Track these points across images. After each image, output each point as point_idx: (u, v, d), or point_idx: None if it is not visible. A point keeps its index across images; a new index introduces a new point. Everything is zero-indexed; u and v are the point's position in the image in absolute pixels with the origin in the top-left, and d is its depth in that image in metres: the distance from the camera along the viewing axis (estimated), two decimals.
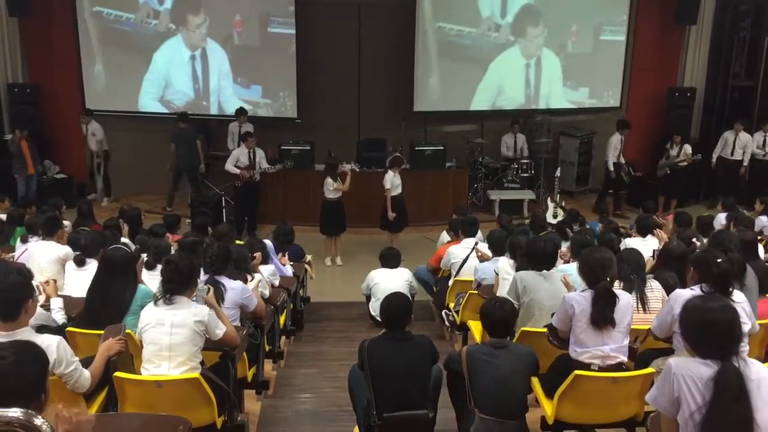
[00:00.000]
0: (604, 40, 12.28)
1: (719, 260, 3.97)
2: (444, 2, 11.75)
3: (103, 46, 11.66)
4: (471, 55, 11.94)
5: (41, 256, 6.04)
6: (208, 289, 4.33)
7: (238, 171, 10.09)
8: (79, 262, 5.55)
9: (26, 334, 3.32)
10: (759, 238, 7.37)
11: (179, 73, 11.81)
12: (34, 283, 4.19)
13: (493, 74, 12.10)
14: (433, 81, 11.94)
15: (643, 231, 7.07)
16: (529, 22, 12.02)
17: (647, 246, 6.42)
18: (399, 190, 9.61)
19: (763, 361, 3.48)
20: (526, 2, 11.94)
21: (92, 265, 5.28)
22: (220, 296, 4.59)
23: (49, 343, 3.42)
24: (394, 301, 4.15)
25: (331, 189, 9.31)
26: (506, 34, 12.00)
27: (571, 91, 12.51)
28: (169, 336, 3.87)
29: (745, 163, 11.44)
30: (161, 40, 11.66)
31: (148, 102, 11.97)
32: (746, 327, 3.92)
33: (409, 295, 6.76)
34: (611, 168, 11.45)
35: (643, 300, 4.60)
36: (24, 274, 3.44)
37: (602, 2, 12.31)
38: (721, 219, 7.83)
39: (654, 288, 4.69)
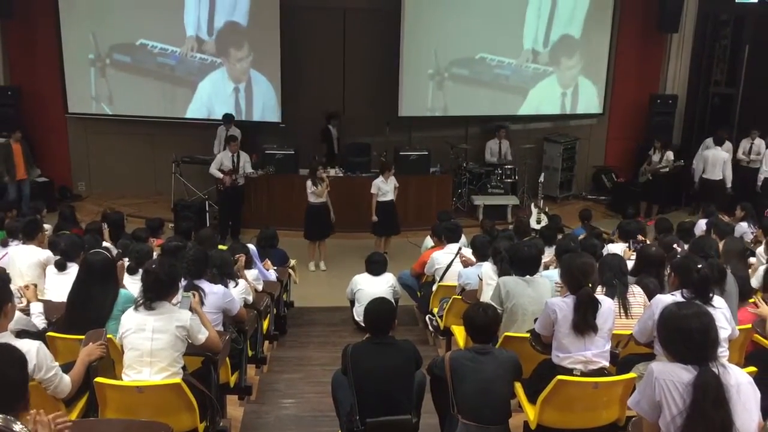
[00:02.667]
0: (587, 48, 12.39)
1: (699, 266, 4.01)
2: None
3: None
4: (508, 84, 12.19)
5: (21, 260, 5.98)
6: (193, 295, 4.32)
7: (221, 175, 10.06)
8: (60, 267, 5.50)
9: (5, 338, 3.29)
10: None
11: (222, 106, 11.68)
12: (14, 287, 4.15)
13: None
14: (422, 87, 12.00)
15: (626, 236, 7.13)
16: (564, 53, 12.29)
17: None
18: (388, 197, 9.62)
19: (743, 367, 3.52)
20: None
21: (73, 269, 5.23)
22: (200, 301, 4.56)
23: (29, 348, 3.39)
24: (377, 306, 4.15)
25: (310, 192, 9.32)
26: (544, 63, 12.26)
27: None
28: (151, 341, 3.84)
29: (729, 185, 11.34)
30: (206, 72, 11.71)
31: None
32: (726, 332, 3.97)
33: (392, 300, 6.77)
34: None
35: (625, 306, 4.63)
36: (2, 278, 3.41)
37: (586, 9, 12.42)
38: (701, 225, 7.90)
39: (636, 293, 4.73)
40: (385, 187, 9.58)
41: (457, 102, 12.13)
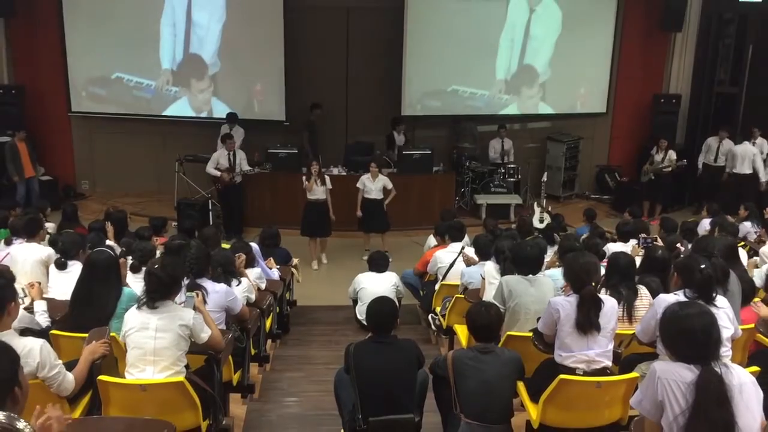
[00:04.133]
0: (591, 48, 12.37)
1: (703, 266, 4.00)
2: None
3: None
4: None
5: (25, 258, 6.00)
6: (196, 295, 4.32)
7: (218, 173, 10.08)
8: (60, 266, 5.50)
9: (8, 336, 3.29)
10: (742, 243, 7.47)
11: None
12: (18, 285, 4.16)
13: None
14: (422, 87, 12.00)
15: (625, 236, 7.13)
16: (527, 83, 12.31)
17: (628, 251, 6.47)
18: (371, 195, 9.59)
19: (746, 366, 3.52)
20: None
21: (75, 267, 5.24)
22: (203, 300, 4.57)
23: (32, 346, 3.40)
24: (379, 305, 4.15)
25: (304, 187, 9.34)
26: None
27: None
28: (154, 340, 3.85)
29: (763, 179, 11.36)
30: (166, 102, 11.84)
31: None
32: (728, 332, 3.96)
33: (395, 299, 6.78)
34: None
35: (630, 313, 4.61)
36: (5, 276, 3.41)
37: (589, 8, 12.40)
38: (705, 224, 7.90)
39: (643, 295, 4.71)
40: (369, 185, 9.58)
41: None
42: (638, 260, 5.29)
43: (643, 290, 4.75)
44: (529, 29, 12.08)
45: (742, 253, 6.66)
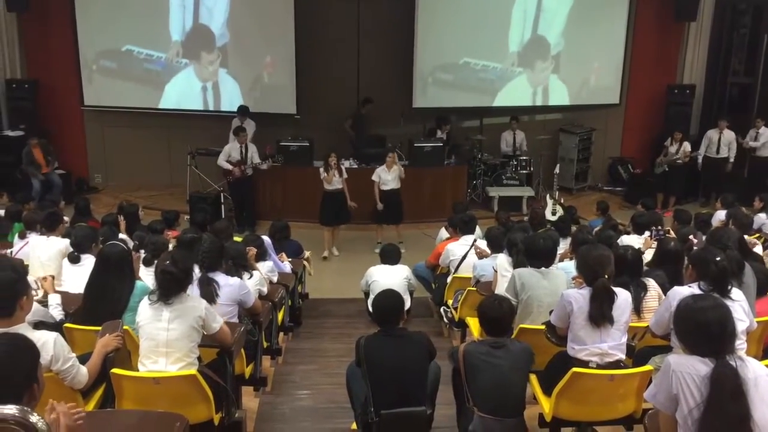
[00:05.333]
0: (604, 38, 12.26)
1: (718, 258, 3.97)
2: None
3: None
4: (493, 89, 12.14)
5: (43, 250, 6.04)
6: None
7: (229, 166, 10.12)
8: (74, 259, 5.53)
9: (22, 330, 3.31)
10: (758, 235, 7.40)
11: (190, 105, 11.90)
12: (32, 279, 4.19)
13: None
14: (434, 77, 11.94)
15: (640, 228, 7.07)
16: (541, 56, 12.17)
17: (641, 243, 6.44)
18: (389, 186, 9.62)
19: (761, 359, 3.48)
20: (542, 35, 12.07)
21: (89, 261, 5.26)
22: (213, 293, 4.58)
23: (46, 339, 3.42)
24: (383, 299, 4.15)
25: (322, 179, 9.39)
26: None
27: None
28: (166, 332, 3.86)
29: (731, 160, 11.43)
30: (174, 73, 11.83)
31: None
32: (743, 325, 3.92)
33: (407, 292, 6.78)
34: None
35: (638, 309, 4.57)
36: (18, 270, 3.43)
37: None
38: (719, 216, 7.82)
39: (650, 287, 4.68)
40: (385, 176, 9.58)
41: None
42: (650, 252, 5.24)
43: (651, 283, 4.72)
44: (542, 1, 11.98)
45: (758, 246, 6.61)
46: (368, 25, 11.67)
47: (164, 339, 3.86)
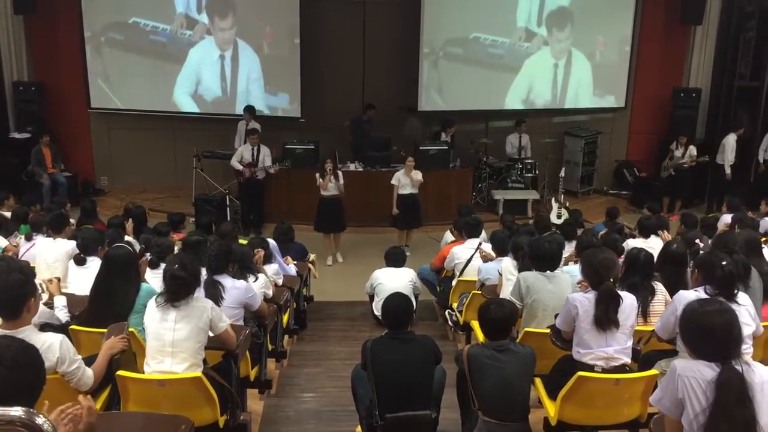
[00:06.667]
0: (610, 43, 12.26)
1: (724, 263, 3.95)
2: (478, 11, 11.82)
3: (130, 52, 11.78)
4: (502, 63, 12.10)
5: (49, 252, 6.05)
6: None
7: (241, 167, 10.16)
8: (79, 261, 5.55)
9: (29, 332, 3.32)
10: (764, 239, 7.37)
11: (209, 72, 11.87)
12: (38, 281, 4.19)
13: (523, 75, 12.25)
14: (440, 81, 11.94)
15: (646, 232, 7.06)
16: (557, 25, 12.14)
17: (649, 248, 6.39)
18: (407, 190, 9.61)
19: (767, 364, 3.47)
20: (552, 8, 12.08)
21: (94, 263, 5.28)
22: (218, 296, 4.58)
23: (52, 341, 3.42)
24: (394, 301, 4.14)
25: (317, 185, 9.38)
26: (538, 41, 12.15)
27: (598, 98, 12.56)
28: (173, 332, 3.86)
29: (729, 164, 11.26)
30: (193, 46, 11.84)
31: (182, 97, 11.96)
32: (750, 329, 3.91)
33: (412, 295, 6.77)
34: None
35: (645, 311, 4.56)
36: (25, 272, 3.43)
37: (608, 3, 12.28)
38: (725, 220, 7.80)
39: (658, 291, 4.67)
40: (404, 180, 9.58)
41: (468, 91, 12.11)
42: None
43: (659, 287, 4.71)
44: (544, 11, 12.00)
45: (764, 250, 6.58)
46: (374, 29, 11.68)
47: (170, 339, 3.86)
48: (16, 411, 2.21)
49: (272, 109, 11.88)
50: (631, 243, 6.67)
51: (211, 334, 4.03)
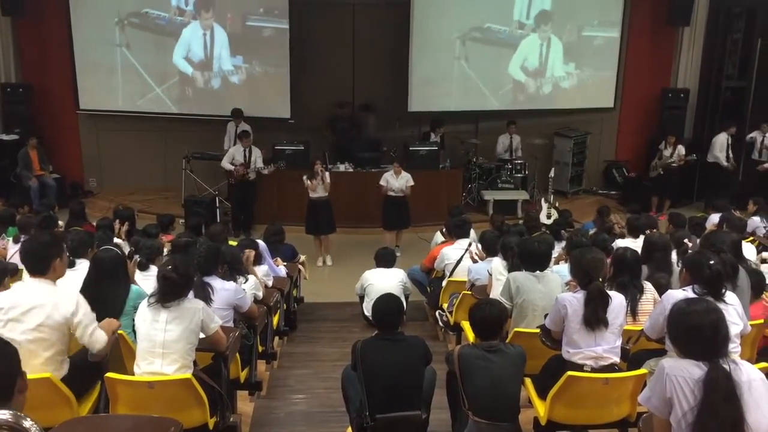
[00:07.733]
0: (598, 42, 12.30)
1: (712, 262, 3.98)
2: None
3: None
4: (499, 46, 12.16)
5: None
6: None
7: (232, 168, 10.13)
8: (68, 264, 5.50)
9: (51, 287, 3.72)
10: (752, 239, 7.43)
11: (196, 43, 11.94)
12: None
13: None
14: (430, 81, 11.96)
15: (635, 232, 7.09)
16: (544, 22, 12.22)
17: (638, 247, 6.43)
18: (396, 192, 9.60)
19: (755, 363, 3.49)
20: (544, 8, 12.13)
21: (83, 265, 5.24)
22: (207, 297, 4.57)
23: (71, 293, 3.73)
24: (385, 302, 4.15)
25: (305, 186, 9.35)
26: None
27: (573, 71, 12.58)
28: (164, 333, 3.85)
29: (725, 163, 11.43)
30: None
31: (179, 60, 11.97)
32: (737, 328, 3.94)
33: (402, 296, 6.77)
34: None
35: (634, 310, 4.58)
36: (55, 236, 3.79)
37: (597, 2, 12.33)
38: (713, 219, 7.85)
39: (647, 289, 4.69)
40: (393, 182, 9.58)
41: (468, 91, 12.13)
42: None
43: (648, 286, 4.73)
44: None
45: (752, 249, 6.63)
46: (363, 30, 11.69)
47: (161, 340, 3.85)
48: (3, 414, 2.20)
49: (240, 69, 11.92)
50: (620, 243, 6.70)
51: (202, 336, 4.02)
